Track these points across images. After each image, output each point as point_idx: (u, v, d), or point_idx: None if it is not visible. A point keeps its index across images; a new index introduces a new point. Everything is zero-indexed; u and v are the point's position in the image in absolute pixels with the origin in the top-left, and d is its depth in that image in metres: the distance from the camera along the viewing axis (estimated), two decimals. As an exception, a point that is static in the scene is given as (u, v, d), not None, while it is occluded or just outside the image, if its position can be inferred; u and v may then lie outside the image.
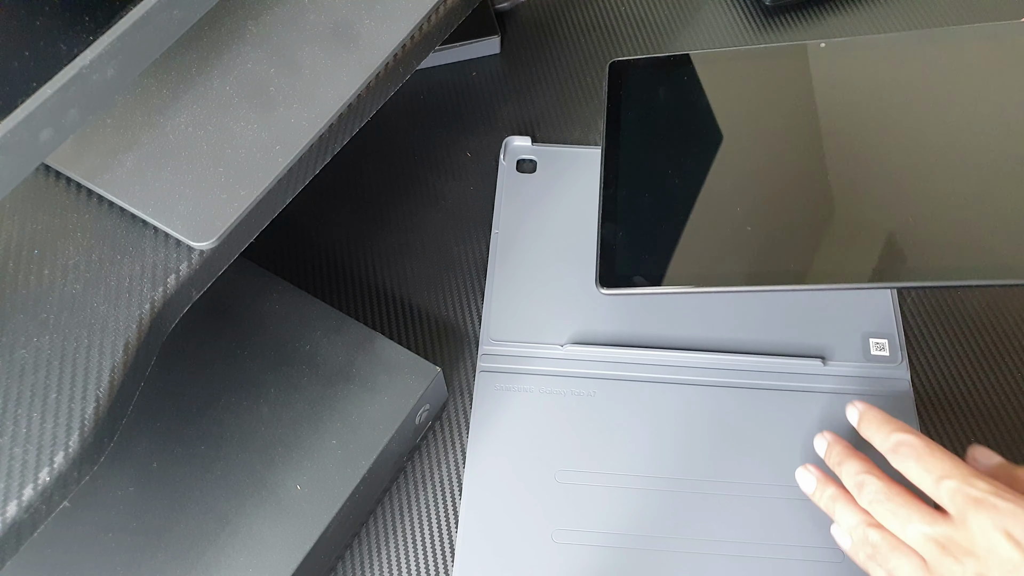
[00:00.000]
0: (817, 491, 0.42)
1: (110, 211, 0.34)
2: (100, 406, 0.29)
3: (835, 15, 0.62)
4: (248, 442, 0.42)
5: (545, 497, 0.45)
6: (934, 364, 0.49)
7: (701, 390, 0.47)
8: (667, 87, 0.49)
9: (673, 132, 0.48)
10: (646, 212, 0.46)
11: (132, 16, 0.30)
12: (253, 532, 0.40)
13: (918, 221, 0.41)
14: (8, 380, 0.30)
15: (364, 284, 0.53)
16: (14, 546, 0.28)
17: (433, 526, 0.45)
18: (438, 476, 0.47)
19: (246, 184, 0.34)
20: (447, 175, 0.57)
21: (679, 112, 0.48)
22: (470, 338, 0.51)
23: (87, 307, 0.31)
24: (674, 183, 0.46)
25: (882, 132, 0.45)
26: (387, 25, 0.38)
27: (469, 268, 0.53)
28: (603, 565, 0.43)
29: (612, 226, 0.46)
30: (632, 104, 0.50)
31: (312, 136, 0.35)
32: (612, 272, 0.44)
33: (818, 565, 0.43)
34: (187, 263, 0.33)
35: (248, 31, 0.37)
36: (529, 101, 0.60)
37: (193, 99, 0.36)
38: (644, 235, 0.45)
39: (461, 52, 0.62)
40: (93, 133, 0.35)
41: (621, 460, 0.46)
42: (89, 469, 0.30)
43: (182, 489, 0.40)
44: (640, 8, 0.64)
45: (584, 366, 0.48)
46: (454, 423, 0.48)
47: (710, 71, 0.49)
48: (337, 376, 0.44)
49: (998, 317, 0.50)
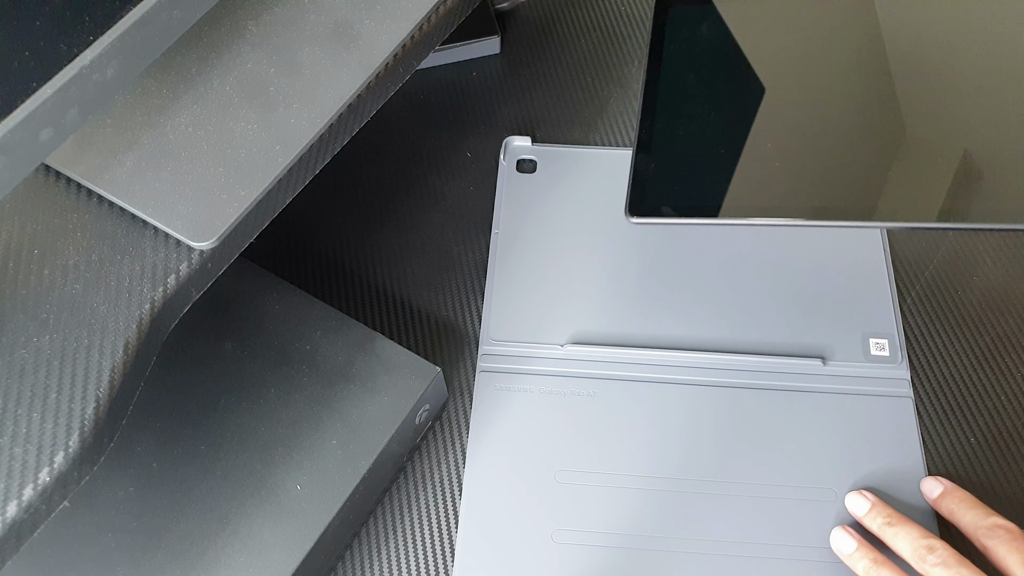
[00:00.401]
0: (857, 554, 0.41)
1: (110, 211, 0.34)
2: (100, 406, 0.29)
3: (835, 15, 0.62)
4: (248, 442, 0.42)
5: (545, 497, 0.45)
6: (934, 364, 0.49)
7: (701, 390, 0.47)
8: (713, 23, 0.49)
9: (715, 67, 0.48)
10: (680, 144, 0.46)
11: (132, 16, 0.30)
12: (253, 532, 0.40)
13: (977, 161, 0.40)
14: (8, 380, 0.30)
15: (364, 284, 0.53)
16: (14, 546, 0.28)
17: (433, 526, 0.45)
18: (438, 476, 0.47)
19: (246, 184, 0.34)
20: (447, 175, 0.57)
21: (723, 47, 0.48)
22: (470, 338, 0.51)
23: (87, 307, 0.31)
24: (711, 116, 0.46)
25: (942, 70, 0.44)
26: (387, 25, 0.38)
27: (469, 268, 0.53)
28: (603, 565, 0.43)
29: (645, 157, 0.46)
30: (676, 37, 0.49)
31: (312, 136, 0.35)
32: (642, 201, 0.45)
33: (818, 565, 0.43)
34: (187, 263, 0.33)
35: (248, 31, 0.37)
36: (529, 101, 0.60)
37: (193, 99, 0.36)
38: (677, 167, 0.45)
39: (461, 52, 0.62)
40: (93, 133, 0.35)
41: (621, 460, 0.46)
42: (89, 469, 0.30)
43: (182, 489, 0.40)
44: (640, 8, 0.64)
45: (584, 366, 0.48)
46: (454, 423, 0.48)
47: (761, 8, 0.49)
48: (337, 376, 0.44)
49: (998, 317, 0.50)
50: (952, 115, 0.42)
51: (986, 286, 0.51)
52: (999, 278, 0.51)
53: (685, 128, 0.46)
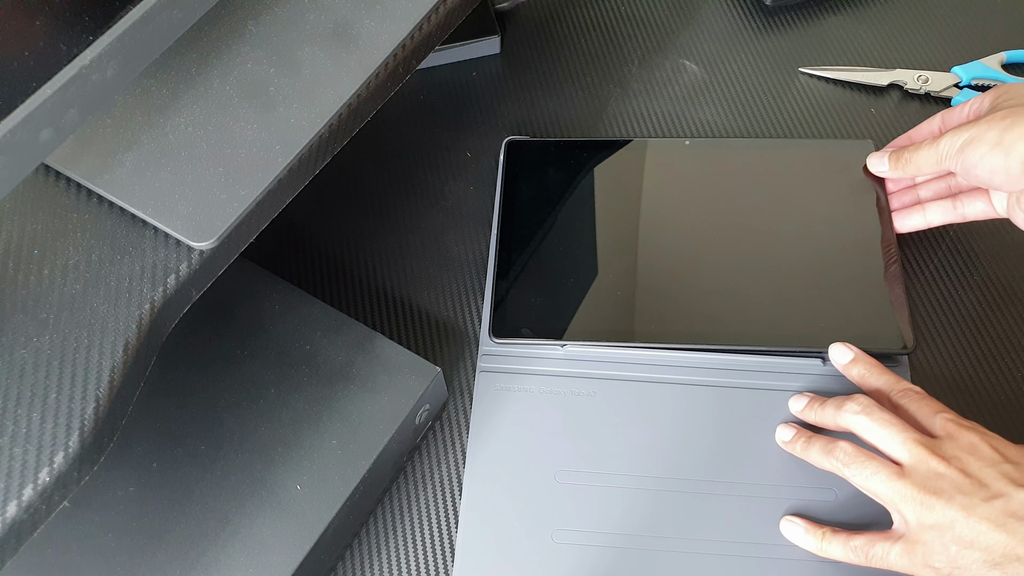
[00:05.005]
0: (795, 437, 0.45)
1: (110, 211, 0.34)
2: (100, 406, 0.29)
3: (835, 15, 0.62)
4: (248, 442, 0.42)
5: (545, 497, 0.45)
6: (934, 364, 0.49)
7: (701, 390, 0.47)
8: (553, 166, 0.55)
9: (556, 206, 0.53)
10: (534, 274, 0.51)
11: (132, 16, 0.30)
12: (253, 532, 0.40)
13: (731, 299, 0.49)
14: (8, 380, 0.30)
15: (364, 284, 0.53)
16: (14, 546, 0.28)
17: (433, 526, 0.45)
18: (438, 476, 0.47)
19: (246, 184, 0.34)
20: (447, 175, 0.57)
21: (560, 188, 0.54)
22: (470, 338, 0.51)
23: (87, 307, 0.31)
24: (557, 249, 0.52)
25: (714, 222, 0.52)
26: (387, 25, 0.38)
27: (469, 268, 0.53)
28: (603, 565, 0.43)
29: (504, 284, 0.50)
30: (523, 177, 0.55)
31: (312, 136, 0.35)
32: (503, 324, 0.49)
33: (818, 565, 0.43)
34: (187, 263, 0.33)
35: (248, 31, 0.37)
36: (529, 101, 0.60)
37: (193, 99, 0.36)
38: (531, 293, 0.50)
39: (461, 52, 0.62)
40: (93, 133, 0.35)
41: (621, 460, 0.46)
42: (89, 469, 0.30)
43: (182, 489, 0.40)
44: (640, 8, 0.64)
45: (584, 366, 0.48)
46: (454, 423, 0.48)
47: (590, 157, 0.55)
48: (337, 376, 0.44)
49: (998, 317, 0.50)
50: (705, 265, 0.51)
51: (987, 286, 0.51)
52: (1000, 278, 0.51)
53: (537, 258, 0.51)
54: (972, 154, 0.43)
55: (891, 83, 0.58)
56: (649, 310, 0.49)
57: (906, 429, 0.40)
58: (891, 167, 0.50)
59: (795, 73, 0.60)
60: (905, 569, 0.39)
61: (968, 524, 0.37)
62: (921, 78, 0.58)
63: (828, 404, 0.44)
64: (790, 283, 0.50)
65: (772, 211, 0.52)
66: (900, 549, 0.39)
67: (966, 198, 0.48)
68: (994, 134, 0.42)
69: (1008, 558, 0.36)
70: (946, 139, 0.45)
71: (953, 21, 0.61)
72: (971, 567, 0.37)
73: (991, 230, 0.52)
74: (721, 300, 0.49)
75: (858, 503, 0.43)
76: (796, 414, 0.46)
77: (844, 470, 0.41)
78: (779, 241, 0.51)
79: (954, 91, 0.58)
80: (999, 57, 0.58)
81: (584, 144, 0.56)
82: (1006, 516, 0.37)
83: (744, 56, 0.61)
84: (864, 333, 0.47)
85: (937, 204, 0.50)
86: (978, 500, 0.37)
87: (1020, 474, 0.38)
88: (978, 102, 0.47)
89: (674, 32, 0.63)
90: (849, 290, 0.49)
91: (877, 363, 0.45)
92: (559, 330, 0.49)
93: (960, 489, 0.38)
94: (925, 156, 0.47)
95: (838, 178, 0.53)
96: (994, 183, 0.44)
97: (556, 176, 0.54)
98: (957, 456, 0.39)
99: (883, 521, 0.41)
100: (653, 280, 0.50)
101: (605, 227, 0.52)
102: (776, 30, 0.62)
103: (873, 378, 0.45)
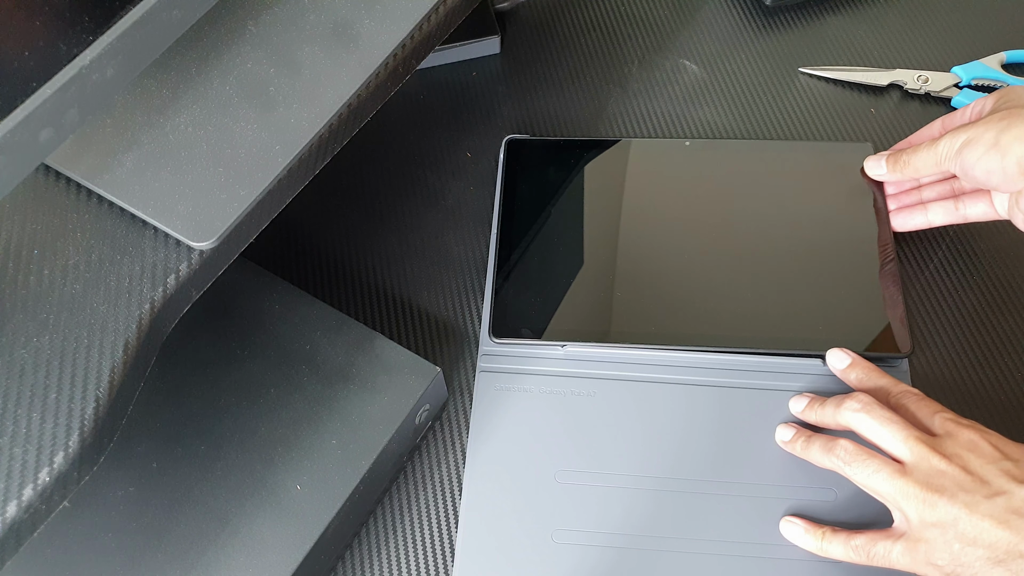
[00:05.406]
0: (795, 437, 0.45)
1: (110, 211, 0.34)
2: (100, 406, 0.29)
3: (834, 15, 0.62)
4: (248, 442, 0.42)
5: (545, 497, 0.45)
6: (935, 365, 0.49)
7: (701, 390, 0.47)
8: (553, 165, 0.55)
9: (555, 205, 0.53)
10: (533, 274, 0.51)
11: (132, 16, 0.30)
12: (253, 532, 0.40)
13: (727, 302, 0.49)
14: (8, 380, 0.30)
15: (364, 284, 0.53)
16: (14, 546, 0.28)
17: (433, 526, 0.45)
18: (438, 476, 0.47)
19: (246, 184, 0.34)
20: (447, 175, 0.57)
21: (560, 188, 0.54)
22: (470, 338, 0.51)
23: (87, 307, 0.31)
24: (557, 249, 0.52)
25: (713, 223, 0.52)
26: (387, 25, 0.38)
27: (469, 268, 0.53)
28: (603, 565, 0.43)
29: (504, 284, 0.51)
30: (523, 177, 0.55)
31: (312, 136, 0.35)
32: (503, 324, 0.49)
33: (818, 565, 0.43)
34: (187, 263, 0.33)
35: (248, 31, 0.37)
36: (529, 101, 0.60)
37: (193, 99, 0.36)
38: (531, 293, 0.50)
39: (461, 52, 0.62)
40: (93, 133, 0.35)
41: (621, 460, 0.46)
42: (89, 469, 0.30)
43: (182, 489, 0.40)
44: (640, 8, 0.64)
45: (584, 366, 0.48)
46: (454, 423, 0.48)
47: (590, 156, 0.55)
48: (337, 376, 0.44)
49: (998, 317, 0.50)
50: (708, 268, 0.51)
51: (987, 286, 0.51)
52: (1000, 279, 0.51)
53: (537, 258, 0.51)
54: (970, 155, 0.43)
55: (891, 83, 0.58)
56: (648, 311, 0.49)
57: (907, 427, 0.40)
58: (889, 170, 0.50)
59: (795, 73, 0.60)
60: (907, 568, 0.39)
61: (971, 521, 0.37)
62: (921, 78, 0.58)
63: (828, 403, 0.44)
64: (789, 285, 0.50)
65: (771, 213, 0.52)
66: (902, 547, 0.39)
67: (968, 199, 0.48)
68: (991, 135, 0.42)
69: (1012, 555, 0.36)
70: (945, 141, 0.45)
71: (953, 21, 0.61)
72: (974, 564, 0.37)
73: (991, 231, 0.52)
74: (719, 302, 0.49)
75: (858, 503, 0.43)
76: (796, 415, 0.46)
77: (845, 468, 0.41)
78: (778, 243, 0.51)
79: (954, 91, 0.58)
80: (999, 57, 0.58)
81: (584, 144, 0.56)
82: (1008, 513, 0.37)
83: (744, 56, 0.61)
84: (861, 337, 0.47)
85: (939, 204, 0.50)
86: (980, 497, 0.37)
87: (1020, 471, 0.38)
88: (980, 104, 0.47)
89: (674, 32, 0.63)
90: (846, 294, 0.49)
91: (874, 367, 0.45)
92: (559, 330, 0.49)
93: (962, 486, 0.38)
94: (923, 158, 0.47)
95: (837, 181, 0.53)
96: (991, 184, 0.44)
97: (556, 176, 0.54)
98: (958, 453, 0.39)
99: (883, 521, 0.41)
100: (652, 280, 0.50)
101: (605, 227, 0.52)
102: (776, 30, 0.62)
103: (871, 382, 0.45)
